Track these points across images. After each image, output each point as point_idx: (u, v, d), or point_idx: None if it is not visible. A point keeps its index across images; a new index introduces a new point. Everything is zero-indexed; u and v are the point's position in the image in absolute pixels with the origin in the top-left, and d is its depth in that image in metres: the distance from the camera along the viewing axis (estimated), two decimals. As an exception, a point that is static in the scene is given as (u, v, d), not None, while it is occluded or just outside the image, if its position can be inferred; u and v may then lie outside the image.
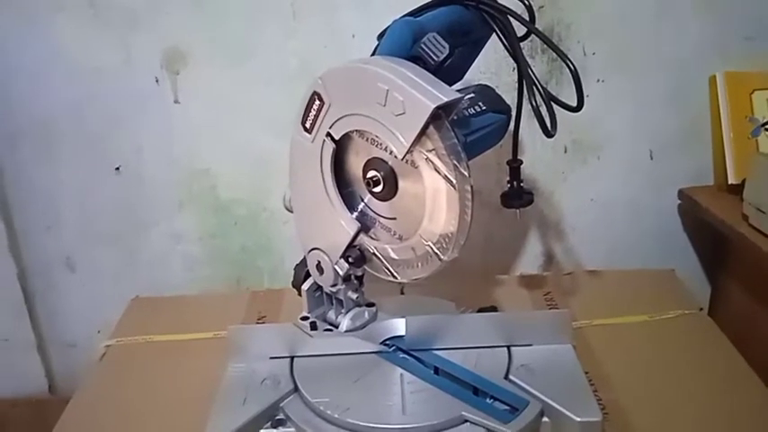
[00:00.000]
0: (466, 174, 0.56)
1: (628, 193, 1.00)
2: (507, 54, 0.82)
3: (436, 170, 0.57)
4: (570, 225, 1.01)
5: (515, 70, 0.91)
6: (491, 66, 0.90)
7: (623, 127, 0.96)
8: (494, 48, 0.65)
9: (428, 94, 0.54)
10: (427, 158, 0.57)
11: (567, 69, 0.58)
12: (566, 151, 0.97)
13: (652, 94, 0.95)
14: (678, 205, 1.00)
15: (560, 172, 0.98)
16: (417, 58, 0.58)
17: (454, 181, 0.56)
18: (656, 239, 1.02)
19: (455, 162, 0.56)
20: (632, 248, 1.01)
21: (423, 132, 0.55)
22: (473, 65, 0.71)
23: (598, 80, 0.93)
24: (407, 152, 0.57)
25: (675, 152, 0.98)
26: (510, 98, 0.72)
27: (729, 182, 0.91)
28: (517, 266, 1.03)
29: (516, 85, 0.89)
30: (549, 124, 0.59)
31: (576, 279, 0.91)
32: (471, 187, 0.57)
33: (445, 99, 0.54)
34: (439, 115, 0.55)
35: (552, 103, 0.60)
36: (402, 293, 0.87)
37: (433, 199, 0.59)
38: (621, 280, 0.90)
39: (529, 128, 0.69)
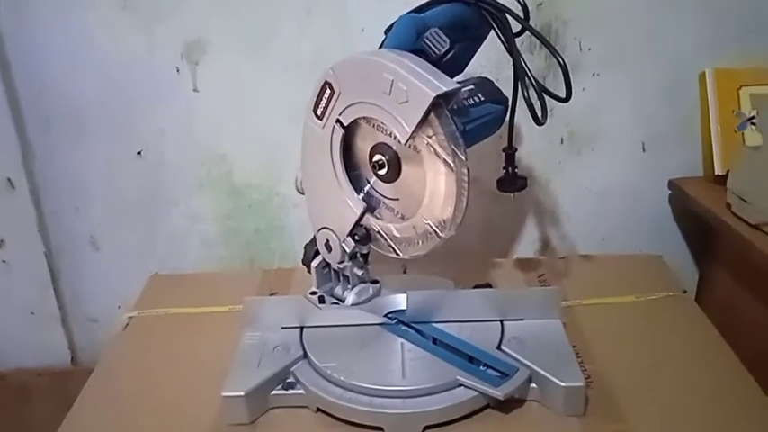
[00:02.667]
0: (463, 158, 0.61)
1: (621, 182, 1.04)
2: (505, 50, 0.87)
3: (436, 154, 0.62)
4: (565, 212, 1.06)
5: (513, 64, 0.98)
6: (491, 60, 0.95)
7: (617, 120, 1.01)
8: (494, 43, 0.70)
9: (429, 83, 0.59)
10: (428, 144, 0.62)
11: (568, 61, 0.63)
12: (562, 142, 1.02)
13: (646, 88, 0.99)
14: (669, 195, 1.04)
15: (557, 162, 1.03)
16: (421, 52, 0.63)
17: (452, 165, 0.61)
18: (647, 227, 1.06)
19: (454, 147, 0.61)
20: (624, 235, 1.06)
21: (424, 119, 0.60)
22: (474, 59, 0.76)
23: (594, 74, 0.98)
24: (410, 138, 0.62)
25: (667, 144, 1.02)
26: (509, 90, 0.76)
27: (716, 173, 0.95)
28: (514, 250, 1.09)
29: (513, 79, 0.94)
30: (540, 114, 0.64)
31: (569, 263, 0.96)
32: (468, 171, 0.62)
33: (445, 89, 0.59)
34: (439, 104, 0.60)
35: (543, 95, 0.65)
36: (404, 272, 0.92)
37: (433, 181, 0.64)
38: (612, 264, 0.95)
39: (527, 120, 0.73)
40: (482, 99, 0.75)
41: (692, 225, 1.06)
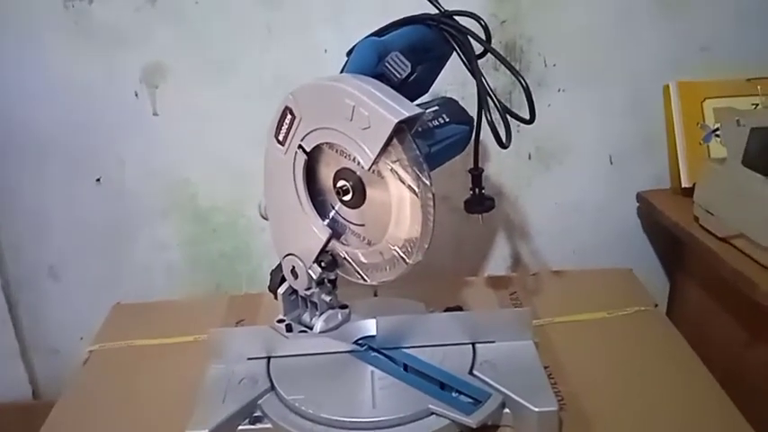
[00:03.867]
0: (428, 183, 0.60)
1: (589, 196, 1.04)
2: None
3: (400, 180, 0.61)
4: (535, 228, 1.06)
5: None
6: (458, 77, 0.93)
7: (584, 134, 1.01)
8: (459, 61, 0.69)
9: (391, 109, 0.58)
10: (392, 169, 0.61)
11: (533, 79, 0.62)
12: (530, 158, 1.02)
13: (611, 102, 1.00)
14: (637, 208, 1.05)
15: (525, 178, 1.03)
16: (382, 75, 0.62)
17: (417, 190, 0.60)
18: (616, 241, 1.06)
19: (418, 172, 0.60)
20: (594, 249, 1.06)
21: (387, 145, 0.59)
22: (439, 77, 0.76)
23: (559, 90, 0.98)
24: (373, 163, 0.61)
25: (634, 158, 1.03)
26: (474, 109, 0.76)
27: (683, 185, 0.96)
28: (486, 268, 1.08)
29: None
30: (503, 136, 0.63)
31: (540, 279, 0.95)
32: (433, 195, 0.61)
33: (407, 114, 0.58)
34: (402, 129, 0.59)
35: (507, 116, 0.65)
36: (375, 295, 0.91)
37: (398, 207, 0.63)
38: (583, 279, 0.95)
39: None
40: (447, 120, 0.74)
41: (661, 237, 1.06)
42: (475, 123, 0.72)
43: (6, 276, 1.04)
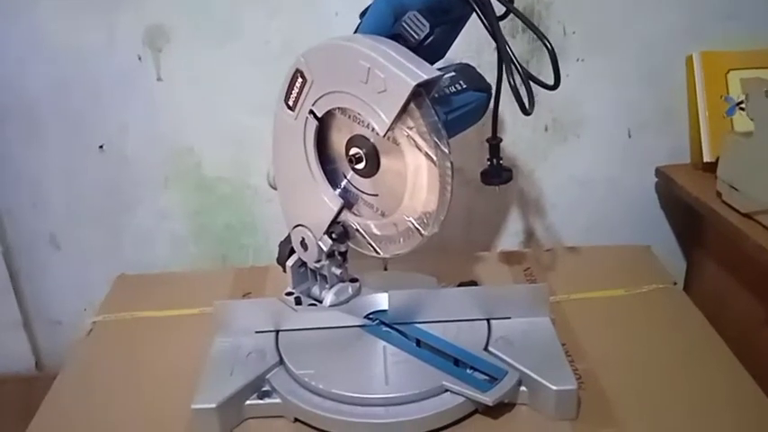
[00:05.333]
0: (446, 151, 0.57)
1: (606, 170, 1.01)
2: (487, 34, 0.82)
3: (417, 147, 0.58)
4: (550, 202, 1.03)
5: (496, 49, 0.94)
6: (472, 45, 0.91)
7: (602, 106, 0.97)
8: (475, 27, 0.66)
9: (409, 71, 0.55)
10: (408, 136, 0.58)
11: (547, 47, 0.59)
12: (546, 130, 0.99)
13: (631, 73, 0.96)
14: (655, 183, 1.02)
15: (541, 150, 0.99)
16: (398, 37, 0.59)
17: (435, 158, 0.57)
18: (633, 216, 1.03)
19: (436, 140, 0.57)
20: (610, 225, 1.03)
21: (404, 110, 0.56)
22: (454, 44, 0.72)
23: (578, 59, 0.94)
24: (389, 129, 0.58)
25: (653, 131, 0.99)
26: (491, 77, 0.72)
27: (705, 160, 0.93)
28: (498, 243, 1.05)
29: (497, 63, 0.90)
30: (527, 103, 0.60)
31: (555, 255, 0.93)
32: (451, 164, 0.58)
33: (425, 77, 0.55)
34: (420, 93, 0.56)
35: (530, 82, 0.61)
36: (385, 269, 0.88)
37: (414, 176, 0.60)
38: (599, 256, 0.92)
39: (510, 107, 0.68)
40: (464, 86, 0.71)
41: (679, 214, 1.03)
42: (494, 90, 0.68)
43: (6, 244, 1.02)
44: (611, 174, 1.01)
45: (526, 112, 0.59)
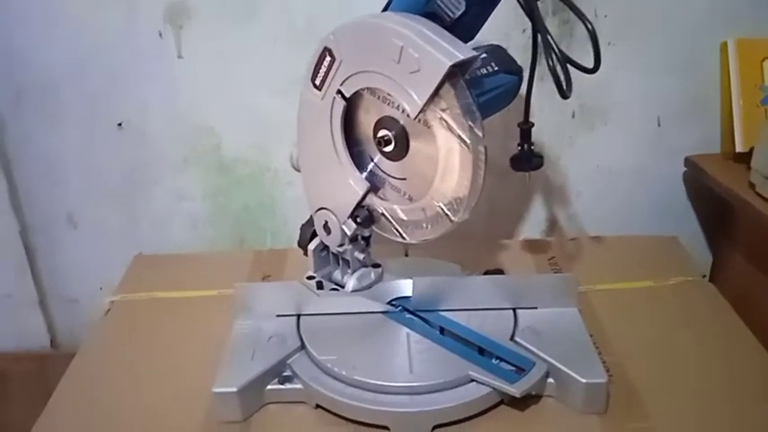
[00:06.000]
0: (480, 134, 0.56)
1: (634, 159, 0.99)
2: (516, 16, 0.79)
3: (450, 130, 0.56)
4: (575, 191, 1.01)
5: (525, 32, 0.92)
6: (501, 27, 0.89)
7: (632, 93, 0.95)
8: (504, 8, 0.64)
9: (444, 51, 0.53)
10: (441, 118, 0.56)
11: (580, 31, 0.57)
12: (573, 116, 0.96)
13: (662, 59, 0.93)
14: (683, 173, 0.99)
15: (567, 137, 0.97)
16: (432, 14, 0.57)
17: (468, 141, 0.55)
18: (659, 207, 1.01)
19: (470, 122, 0.55)
20: (636, 215, 1.01)
21: (437, 91, 0.55)
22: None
23: (609, 43, 0.91)
24: (421, 111, 0.56)
25: (683, 120, 0.96)
26: (519, 60, 0.71)
27: (737, 150, 0.90)
28: (521, 231, 1.03)
29: (526, 46, 0.87)
30: (565, 86, 0.58)
31: (580, 244, 0.91)
32: (485, 148, 0.56)
33: (462, 57, 0.53)
34: (455, 73, 0.54)
35: (567, 65, 0.59)
36: (406, 255, 0.87)
37: (446, 160, 0.58)
38: (625, 246, 0.90)
39: (537, 91, 0.68)
40: (495, 69, 0.69)
41: (707, 205, 1.01)
42: (529, 71, 0.66)
43: (24, 222, 1.01)
44: (638, 163, 0.99)
45: (564, 96, 0.58)
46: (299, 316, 0.70)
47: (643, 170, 0.99)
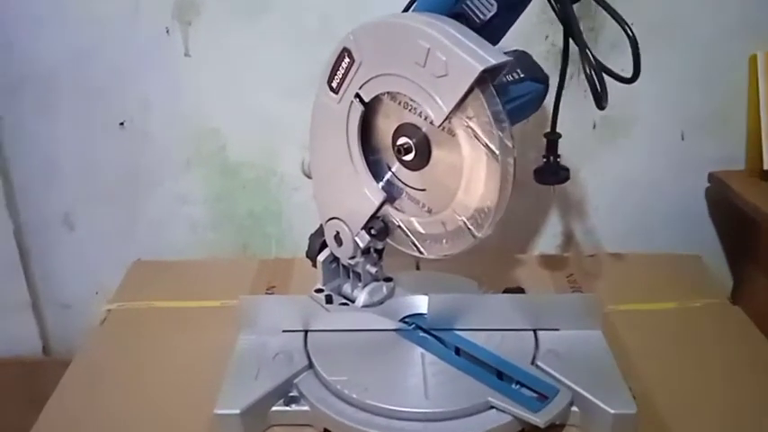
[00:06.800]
0: (510, 145, 0.52)
1: (654, 174, 0.95)
2: (540, 21, 0.76)
3: (477, 139, 0.52)
4: (593, 204, 0.97)
5: (548, 38, 0.88)
6: (523, 33, 0.85)
7: (656, 104, 0.91)
8: (525, 13, 0.60)
9: (475, 55, 0.50)
10: (468, 126, 0.52)
11: (605, 38, 0.54)
12: (594, 127, 0.93)
13: (688, 70, 0.90)
14: (706, 189, 0.96)
15: (587, 149, 0.93)
16: (459, 16, 0.53)
17: (497, 152, 0.52)
18: (678, 224, 0.97)
19: (499, 132, 0.51)
20: (654, 232, 0.97)
21: (465, 97, 0.51)
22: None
23: (633, 52, 0.88)
24: (446, 119, 0.53)
25: (707, 134, 0.93)
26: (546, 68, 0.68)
27: (765, 167, 0.87)
28: (535, 245, 1.00)
29: (548, 54, 0.84)
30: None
31: (599, 261, 0.87)
32: (514, 160, 0.52)
33: (493, 62, 0.50)
34: (484, 79, 0.50)
35: (603, 73, 0.56)
36: (417, 269, 0.83)
37: (471, 171, 0.54)
38: (646, 264, 0.87)
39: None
40: (521, 76, 0.65)
41: (730, 223, 0.97)
42: (558, 78, 0.63)
43: (18, 222, 0.97)
44: (659, 177, 0.95)
45: (601, 106, 0.54)
46: (306, 332, 0.67)
47: (664, 185, 0.96)
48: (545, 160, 0.66)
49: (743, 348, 0.71)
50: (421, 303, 0.69)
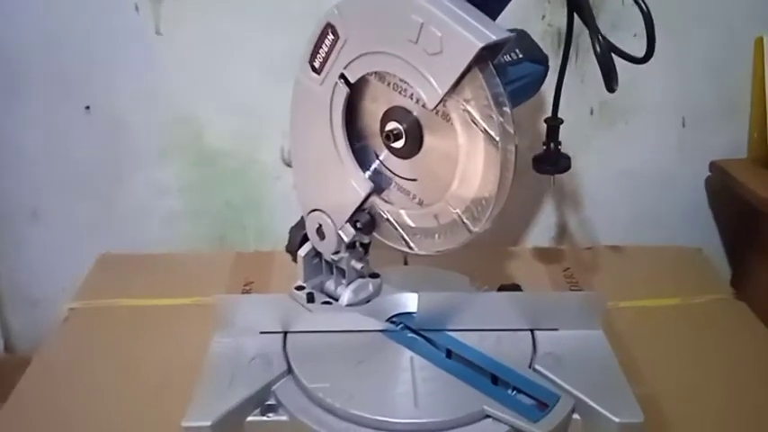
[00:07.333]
0: (511, 131, 0.47)
1: (654, 162, 0.92)
2: (536, 1, 0.72)
3: (474, 124, 0.48)
4: (589, 194, 0.93)
5: (544, 18, 0.84)
6: (516, 13, 0.80)
7: (657, 90, 0.88)
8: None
9: (474, 30, 0.45)
10: (465, 109, 0.48)
11: (603, 20, 0.49)
12: (591, 113, 0.89)
13: (691, 55, 0.87)
14: (706, 178, 0.93)
15: (584, 136, 0.90)
16: (457, -12, 0.48)
17: (497, 139, 0.47)
18: (678, 214, 0.95)
19: (499, 116, 0.47)
20: (652, 222, 0.95)
21: (462, 77, 0.46)
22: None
23: (635, 35, 0.83)
24: (441, 101, 0.48)
25: (709, 121, 0.90)
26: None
27: (771, 156, 0.84)
28: (528, 237, 0.96)
29: (544, 35, 0.80)
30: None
31: (596, 254, 0.84)
32: (515, 147, 0.48)
33: (494, 38, 0.45)
34: (484, 57, 0.46)
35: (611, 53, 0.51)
36: (405, 263, 0.78)
37: (467, 159, 0.50)
38: (646, 257, 0.84)
39: (554, 84, 0.61)
40: (520, 56, 0.61)
41: (732, 213, 0.95)
42: (561, 59, 0.58)
43: (-19, 214, 0.92)
44: (658, 166, 0.93)
45: (611, 89, 0.50)
46: (285, 333, 0.62)
47: (663, 174, 0.93)
48: (545, 148, 0.62)
49: (750, 347, 0.68)
50: (410, 301, 0.64)
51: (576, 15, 0.56)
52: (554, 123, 0.61)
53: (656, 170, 0.92)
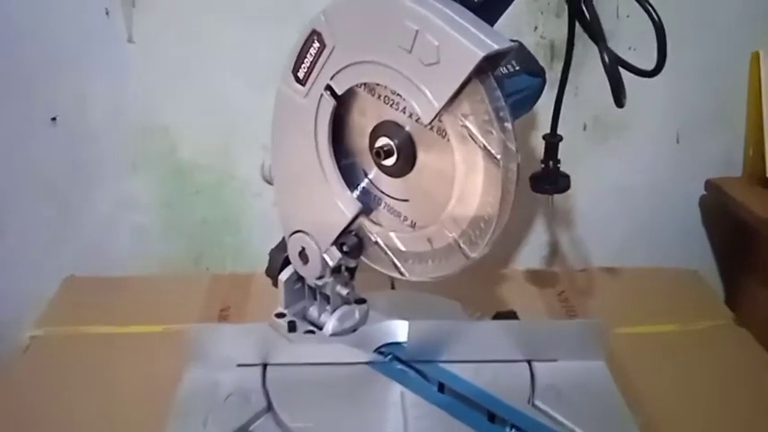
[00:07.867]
0: (513, 148, 0.43)
1: (647, 179, 0.90)
2: (530, 11, 0.70)
3: (474, 141, 0.44)
4: (581, 213, 0.91)
5: (537, 30, 0.81)
6: (510, 24, 0.78)
7: (651, 105, 0.86)
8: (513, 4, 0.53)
9: (475, 39, 0.41)
10: (463, 125, 0.44)
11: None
12: (585, 129, 0.87)
13: (686, 69, 0.85)
14: (700, 196, 0.91)
15: (576, 152, 0.86)
16: (455, -7, 0.45)
17: (498, 157, 0.43)
18: (671, 233, 0.93)
19: (501, 132, 0.43)
20: (645, 242, 0.92)
21: (461, 90, 0.42)
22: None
23: (630, 48, 0.81)
24: (437, 116, 0.44)
25: (703, 137, 0.89)
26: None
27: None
28: (518, 257, 0.93)
29: (537, 47, 0.77)
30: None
31: (591, 277, 0.81)
32: (518, 166, 0.44)
33: (496, 47, 0.41)
34: (484, 68, 0.42)
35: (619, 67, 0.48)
36: (392, 288, 0.74)
37: (465, 178, 0.46)
38: (641, 280, 0.82)
39: (545, 98, 0.59)
40: (516, 68, 0.58)
41: (726, 233, 0.93)
42: (562, 72, 0.55)
43: (-63, 230, 0.87)
44: (652, 183, 0.91)
45: (620, 103, 0.46)
46: (265, 366, 0.57)
47: (656, 192, 0.92)
48: (543, 166, 0.58)
49: (753, 375, 0.65)
50: (399, 330, 0.60)
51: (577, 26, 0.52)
52: (553, 140, 0.58)
53: (650, 187, 0.90)
